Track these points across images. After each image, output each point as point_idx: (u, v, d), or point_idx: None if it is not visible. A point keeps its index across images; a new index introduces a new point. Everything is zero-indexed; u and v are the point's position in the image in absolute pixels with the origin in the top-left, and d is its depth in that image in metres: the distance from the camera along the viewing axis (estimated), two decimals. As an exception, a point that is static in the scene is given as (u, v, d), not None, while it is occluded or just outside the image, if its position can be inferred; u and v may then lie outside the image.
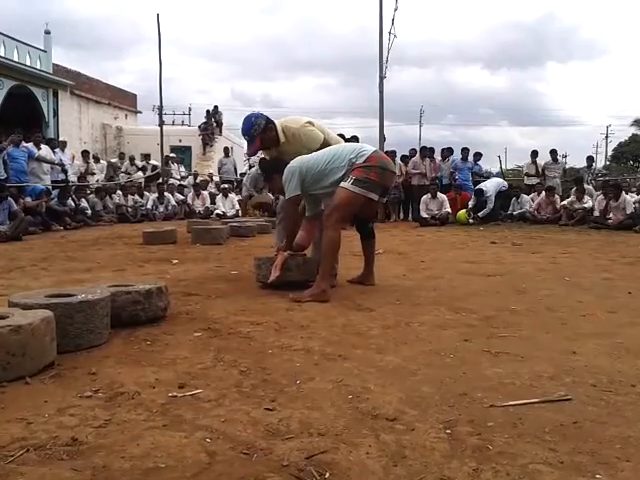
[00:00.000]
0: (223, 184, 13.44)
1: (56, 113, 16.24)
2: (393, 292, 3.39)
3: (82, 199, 10.13)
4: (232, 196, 12.46)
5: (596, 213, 9.45)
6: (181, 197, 12.52)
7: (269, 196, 10.14)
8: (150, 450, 1.31)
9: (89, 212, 10.16)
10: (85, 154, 12.94)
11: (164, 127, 15.33)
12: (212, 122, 19.90)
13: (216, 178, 14.96)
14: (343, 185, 3.20)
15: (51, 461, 1.26)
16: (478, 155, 12.06)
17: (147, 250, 5.86)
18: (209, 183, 14.09)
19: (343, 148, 3.39)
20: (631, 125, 33.72)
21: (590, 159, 12.87)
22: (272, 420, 1.49)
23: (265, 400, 1.63)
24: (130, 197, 11.63)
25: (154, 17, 13.36)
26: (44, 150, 9.96)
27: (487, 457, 1.30)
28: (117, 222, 10.52)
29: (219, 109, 20.34)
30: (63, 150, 11.17)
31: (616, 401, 1.64)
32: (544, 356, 2.08)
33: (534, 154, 11.80)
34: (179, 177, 15.07)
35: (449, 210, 10.19)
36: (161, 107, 14.94)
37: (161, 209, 11.76)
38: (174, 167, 15.15)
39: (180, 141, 20.01)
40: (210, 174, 15.66)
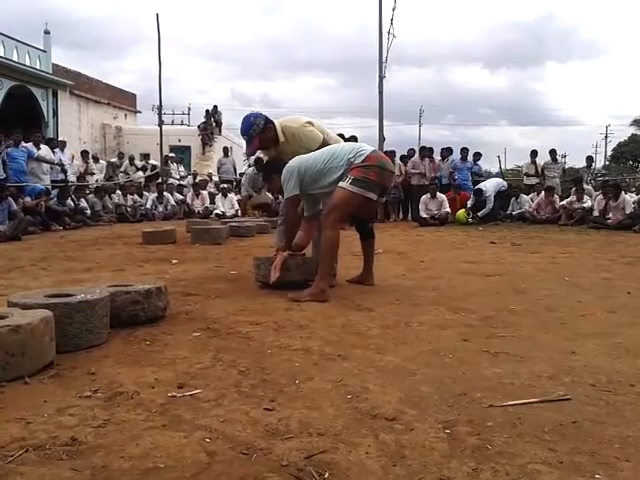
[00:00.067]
0: (222, 184, 13.43)
1: (55, 113, 16.23)
2: (392, 292, 3.39)
3: (81, 199, 10.12)
4: (231, 196, 12.46)
5: (595, 213, 9.45)
6: (180, 197, 12.51)
7: (268, 196, 10.16)
8: (149, 450, 1.31)
9: (88, 212, 10.15)
10: (84, 154, 12.93)
11: (163, 127, 15.32)
12: (211, 122, 19.89)
13: (215, 178, 14.95)
14: (341, 185, 3.19)
15: (50, 461, 1.26)
16: (478, 155, 12.06)
17: (146, 250, 5.86)
18: (208, 183, 14.09)
19: (342, 148, 3.38)
20: (630, 125, 33.78)
21: (589, 159, 12.87)
22: (271, 420, 1.49)
23: (264, 400, 1.63)
24: (129, 197, 11.62)
25: (154, 17, 13.37)
26: (43, 150, 9.95)
27: (486, 457, 1.30)
28: (116, 222, 10.51)
29: (218, 109, 20.33)
30: (62, 150, 11.16)
31: (615, 401, 1.65)
32: (543, 356, 2.08)
33: (533, 154, 11.81)
34: (178, 177, 15.06)
35: (448, 210, 10.19)
36: (160, 107, 14.93)
37: (160, 209, 11.76)
38: (173, 167, 15.14)
39: (179, 141, 19.98)
40: (209, 174, 15.65)
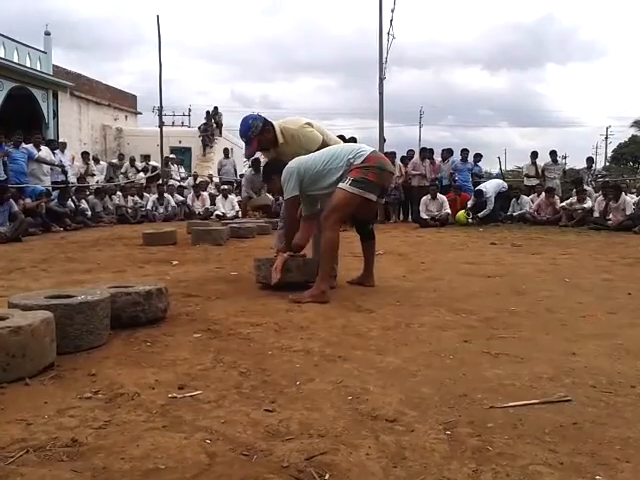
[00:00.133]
0: (223, 185, 13.44)
1: (56, 114, 16.26)
2: (393, 293, 3.39)
3: (82, 200, 10.12)
4: (232, 197, 12.46)
5: (596, 214, 9.45)
6: (181, 198, 12.52)
7: (268, 197, 10.16)
8: (150, 451, 1.31)
9: (89, 213, 10.16)
10: (85, 155, 12.95)
11: (164, 128, 15.31)
12: (212, 123, 19.91)
13: (216, 179, 14.97)
14: (341, 186, 3.20)
15: (51, 462, 1.26)
16: (478, 156, 12.07)
17: (147, 251, 5.86)
18: (209, 184, 14.10)
19: (341, 149, 3.39)
20: (631, 126, 33.84)
21: (590, 160, 12.87)
22: (272, 421, 1.49)
23: (265, 401, 1.63)
24: (130, 198, 11.63)
25: (154, 18, 13.34)
26: (44, 151, 9.96)
27: (487, 458, 1.30)
28: (117, 223, 10.52)
29: (219, 110, 20.35)
30: (63, 151, 11.18)
31: (616, 402, 1.64)
32: (544, 357, 2.08)
33: (534, 155, 11.81)
34: (179, 178, 15.05)
35: (449, 211, 10.19)
36: (161, 108, 14.93)
37: (161, 210, 11.76)
38: (174, 168, 15.15)
39: (180, 142, 20.00)
40: (210, 175, 15.66)
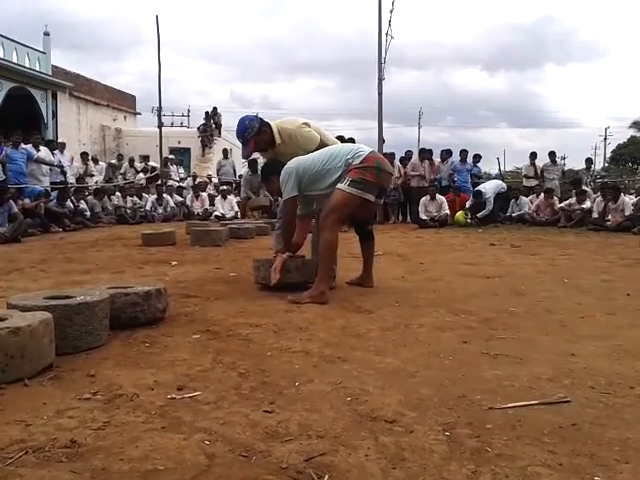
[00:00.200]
0: (222, 186, 13.44)
1: (55, 115, 16.26)
2: (392, 294, 3.39)
3: (81, 201, 10.12)
4: (231, 198, 12.46)
5: (595, 215, 9.45)
6: (180, 199, 12.51)
7: (267, 198, 10.15)
8: (149, 452, 1.31)
9: (88, 214, 10.15)
10: (84, 156, 12.94)
11: (163, 129, 15.30)
12: (211, 124, 19.91)
13: (215, 180, 14.96)
14: (339, 186, 3.20)
15: (50, 463, 1.26)
16: (477, 157, 12.06)
17: (146, 252, 5.86)
18: (208, 185, 14.10)
19: (340, 149, 3.39)
20: (629, 127, 33.94)
21: (589, 161, 12.89)
22: (271, 422, 1.49)
23: (264, 402, 1.63)
24: (129, 199, 11.62)
25: (153, 19, 13.39)
26: (43, 152, 9.95)
27: (486, 459, 1.30)
28: (116, 224, 10.51)
29: (218, 111, 20.36)
30: (62, 152, 11.17)
31: (615, 403, 1.65)
32: (543, 358, 2.08)
33: (533, 156, 11.82)
34: (178, 179, 15.05)
35: (448, 212, 10.19)
36: (160, 108, 14.93)
37: (160, 211, 11.76)
38: (173, 169, 15.14)
39: (179, 143, 19.99)
40: (209, 176, 15.65)
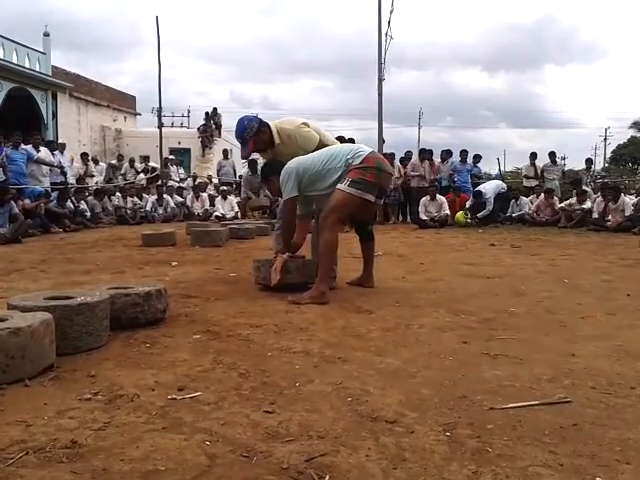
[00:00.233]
0: (222, 186, 13.43)
1: (55, 115, 16.25)
2: (392, 294, 3.39)
3: (81, 201, 10.11)
4: (231, 198, 12.46)
5: (595, 215, 9.44)
6: (180, 199, 12.50)
7: (267, 198, 10.15)
8: (150, 453, 1.31)
9: (88, 214, 10.14)
10: (84, 156, 12.94)
11: (163, 129, 15.30)
12: (211, 124, 19.92)
13: (215, 180, 14.96)
14: (339, 187, 3.20)
15: (50, 464, 1.26)
16: (478, 157, 12.06)
17: (146, 252, 5.86)
18: (208, 185, 14.09)
19: (340, 149, 3.39)
20: (630, 127, 33.94)
21: (589, 161, 12.88)
22: (272, 423, 1.49)
23: (264, 403, 1.63)
24: (129, 199, 11.62)
25: (153, 19, 13.39)
26: (43, 152, 9.95)
27: (486, 460, 1.30)
28: (116, 224, 10.50)
29: (218, 111, 20.36)
30: (62, 152, 11.17)
31: (615, 403, 1.64)
32: (543, 358, 2.08)
33: (533, 156, 11.81)
34: (178, 179, 15.04)
35: (448, 212, 10.18)
36: (160, 109, 14.93)
37: (160, 211, 11.75)
38: (173, 169, 15.14)
39: (179, 143, 19.99)
40: (209, 176, 15.64)
